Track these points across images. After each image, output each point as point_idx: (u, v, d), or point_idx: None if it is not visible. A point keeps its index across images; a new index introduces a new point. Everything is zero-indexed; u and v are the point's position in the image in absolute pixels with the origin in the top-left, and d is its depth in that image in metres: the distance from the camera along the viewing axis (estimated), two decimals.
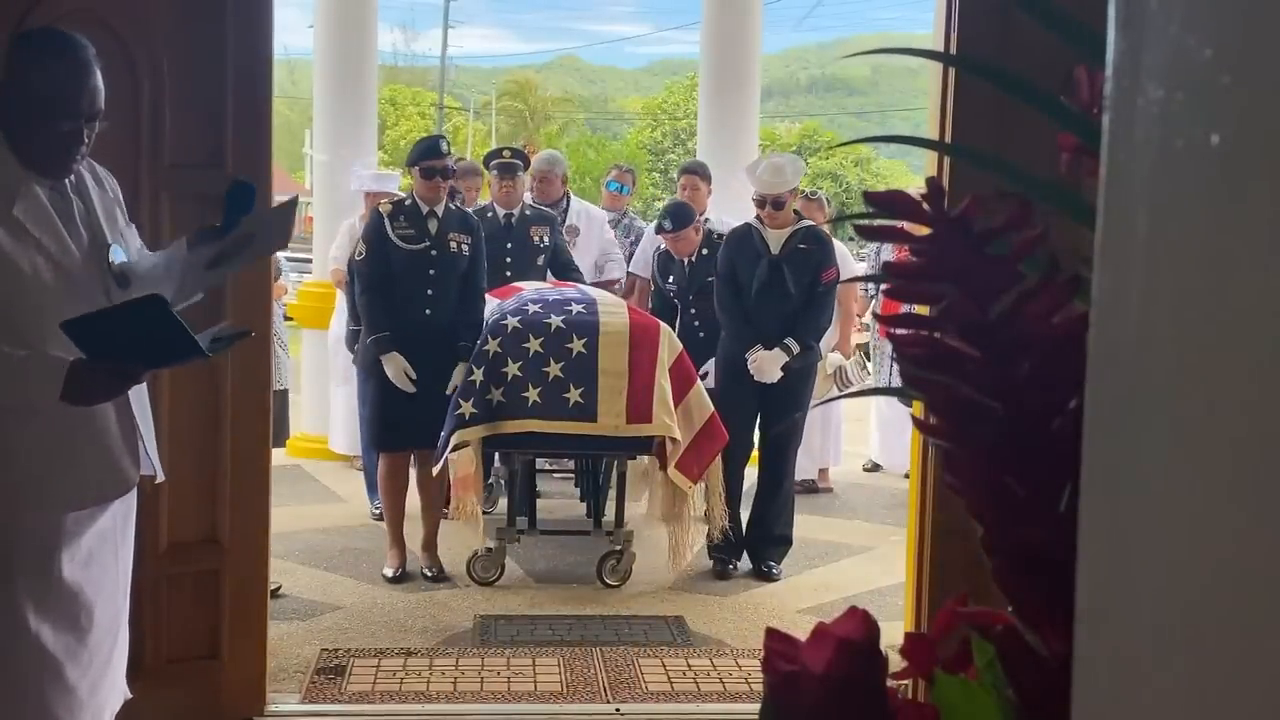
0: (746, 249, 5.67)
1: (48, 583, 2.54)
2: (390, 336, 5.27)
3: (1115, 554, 0.49)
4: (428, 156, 5.46)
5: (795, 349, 5.53)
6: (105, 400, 2.53)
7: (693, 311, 6.27)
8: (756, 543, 5.74)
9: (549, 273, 6.36)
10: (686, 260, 6.26)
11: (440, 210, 5.42)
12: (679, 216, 6.22)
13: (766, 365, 5.52)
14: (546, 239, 6.37)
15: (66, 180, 2.58)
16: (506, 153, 6.65)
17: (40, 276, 2.48)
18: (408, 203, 5.45)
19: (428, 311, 5.32)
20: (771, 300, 5.57)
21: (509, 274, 6.12)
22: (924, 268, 0.71)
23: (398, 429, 5.35)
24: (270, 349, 4.02)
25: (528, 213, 6.44)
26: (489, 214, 6.37)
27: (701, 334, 6.04)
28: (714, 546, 5.65)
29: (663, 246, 6.52)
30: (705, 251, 6.18)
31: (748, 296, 5.62)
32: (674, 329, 5.75)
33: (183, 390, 3.37)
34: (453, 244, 5.39)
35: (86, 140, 2.54)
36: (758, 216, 5.71)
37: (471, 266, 5.43)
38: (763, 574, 5.69)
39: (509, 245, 6.30)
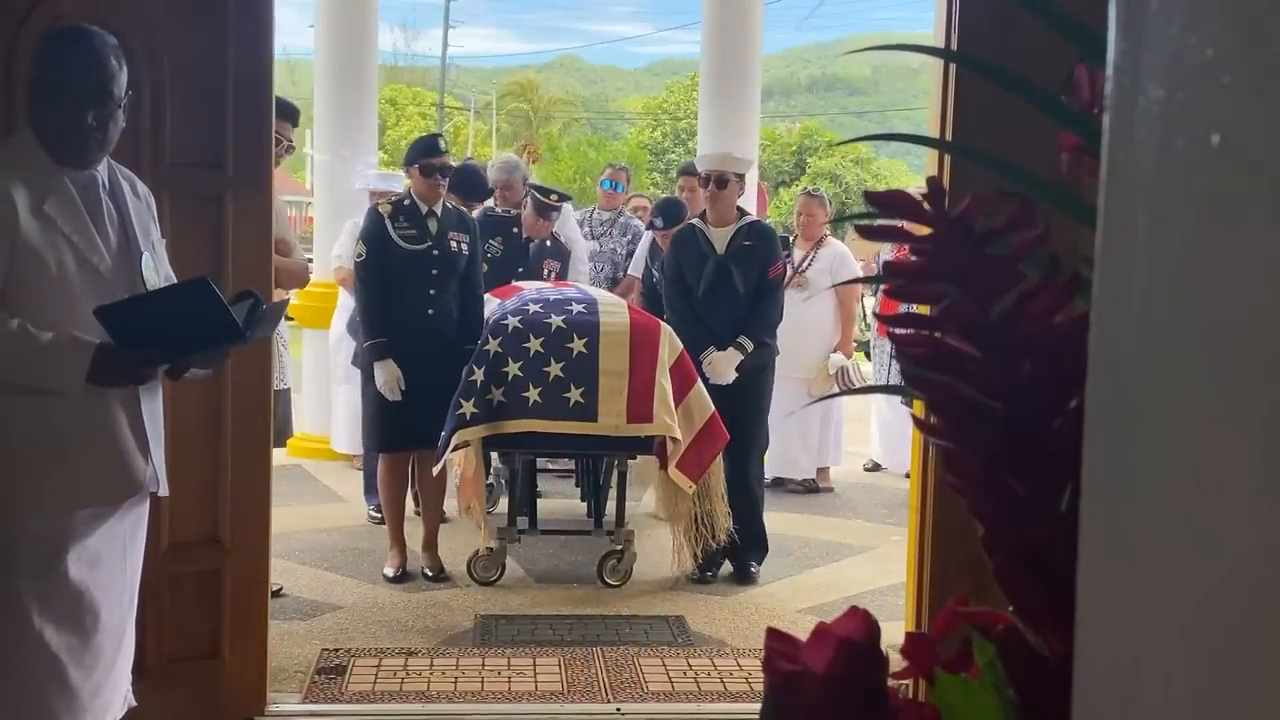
0: (692, 250, 5.64)
1: (53, 583, 2.54)
2: (387, 343, 5.27)
3: (1116, 554, 0.49)
4: (427, 154, 5.49)
5: (749, 347, 5.48)
6: (129, 384, 2.55)
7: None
8: (733, 545, 5.62)
9: None
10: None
11: (439, 209, 5.43)
12: (670, 214, 6.25)
13: (721, 366, 5.47)
14: (554, 275, 6.55)
15: (100, 183, 2.63)
16: (554, 196, 6.75)
17: (66, 272, 2.52)
18: (406, 202, 5.45)
19: (430, 311, 5.33)
20: (721, 300, 5.53)
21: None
22: (925, 267, 0.71)
23: (402, 430, 5.35)
24: (272, 349, 4.02)
25: (548, 243, 6.61)
26: (514, 229, 6.50)
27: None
28: (703, 548, 5.57)
29: (648, 235, 6.59)
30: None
31: (696, 297, 5.59)
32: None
33: (184, 391, 3.36)
34: (453, 243, 5.42)
35: (97, 125, 2.56)
36: (701, 215, 5.69)
37: (469, 266, 5.46)
38: (744, 576, 5.58)
39: (520, 270, 6.42)
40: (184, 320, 2.54)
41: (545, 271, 6.49)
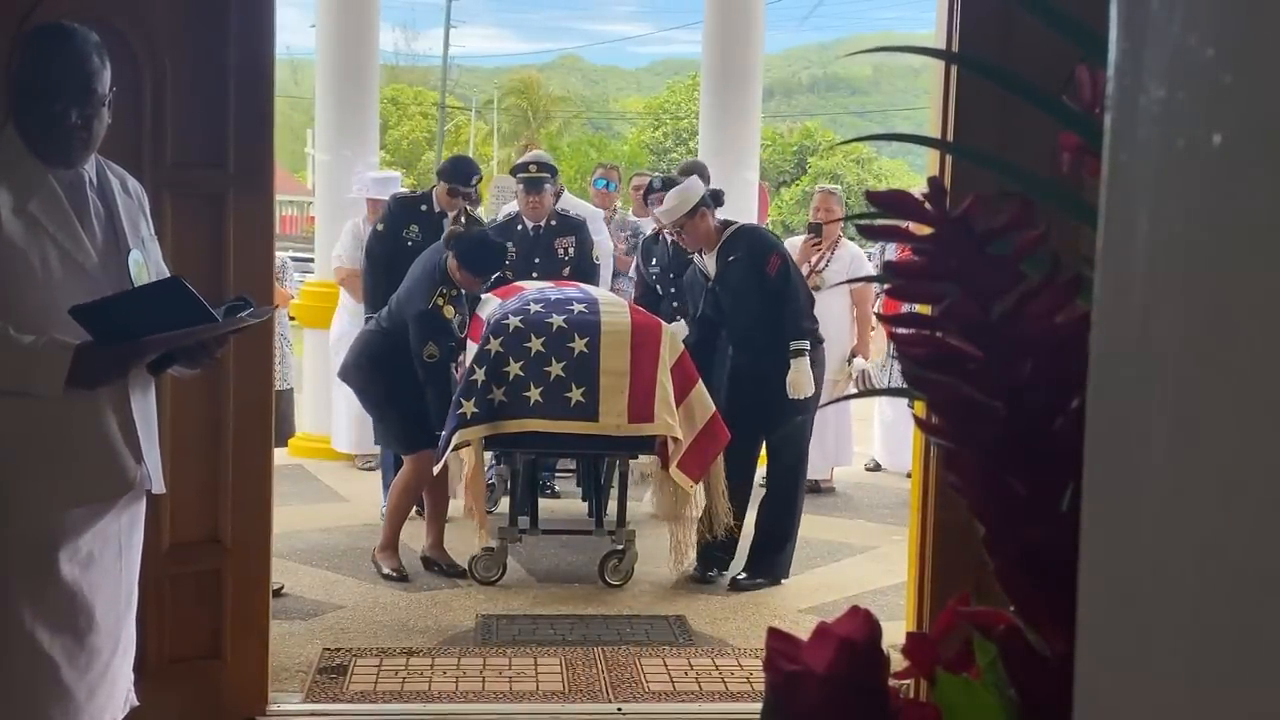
0: (696, 283, 5.67)
1: (45, 583, 2.52)
2: None
3: (1117, 554, 0.49)
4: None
5: (804, 347, 5.33)
6: (111, 382, 2.54)
7: (674, 291, 6.17)
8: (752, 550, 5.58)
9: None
10: (672, 239, 6.21)
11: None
12: (670, 179, 6.21)
13: (797, 383, 5.31)
14: (571, 250, 6.43)
15: (87, 181, 2.61)
16: (533, 166, 6.55)
17: (51, 271, 2.50)
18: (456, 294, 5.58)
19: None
20: (718, 322, 5.56)
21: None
22: (926, 267, 0.71)
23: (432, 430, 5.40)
24: (273, 349, 4.03)
25: (554, 223, 6.49)
26: (518, 226, 6.45)
27: (679, 318, 6.00)
28: (705, 548, 5.53)
29: (646, 233, 6.50)
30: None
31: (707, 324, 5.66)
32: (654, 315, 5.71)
33: (185, 391, 3.37)
34: None
35: (81, 124, 2.54)
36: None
37: None
38: (735, 583, 5.49)
39: (536, 259, 6.37)
40: (160, 316, 2.53)
41: (561, 251, 6.40)
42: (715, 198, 5.59)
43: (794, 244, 7.11)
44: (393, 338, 5.41)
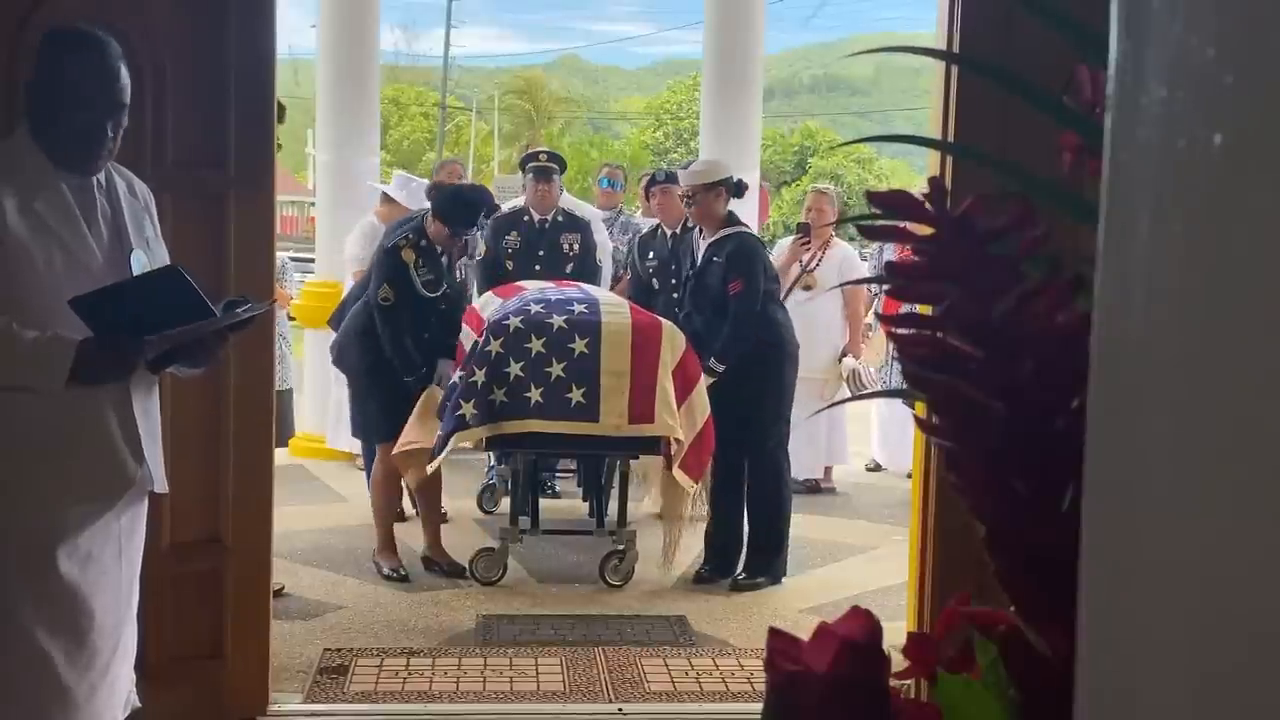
0: (687, 253, 5.69)
1: (44, 582, 2.52)
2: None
3: (1118, 553, 0.49)
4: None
5: (717, 369, 5.37)
6: (113, 380, 2.54)
7: (673, 283, 6.17)
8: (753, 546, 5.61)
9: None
10: (670, 233, 6.20)
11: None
12: (672, 173, 6.23)
13: None
14: (576, 247, 6.41)
15: (95, 181, 2.61)
16: (543, 156, 6.57)
17: (55, 270, 2.51)
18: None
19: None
20: (691, 307, 5.56)
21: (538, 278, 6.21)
22: (926, 267, 0.71)
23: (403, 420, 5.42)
24: (274, 348, 4.02)
25: (560, 219, 6.48)
26: (525, 217, 6.45)
27: (680, 310, 5.98)
28: (714, 550, 5.56)
29: (644, 230, 6.50)
30: (691, 224, 6.14)
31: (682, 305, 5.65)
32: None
33: (185, 391, 3.37)
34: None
35: (108, 133, 2.56)
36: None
37: None
38: (736, 583, 5.48)
39: (540, 252, 6.35)
40: (159, 307, 2.53)
41: (566, 246, 6.39)
42: (739, 187, 5.73)
43: (786, 244, 7.13)
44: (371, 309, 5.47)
